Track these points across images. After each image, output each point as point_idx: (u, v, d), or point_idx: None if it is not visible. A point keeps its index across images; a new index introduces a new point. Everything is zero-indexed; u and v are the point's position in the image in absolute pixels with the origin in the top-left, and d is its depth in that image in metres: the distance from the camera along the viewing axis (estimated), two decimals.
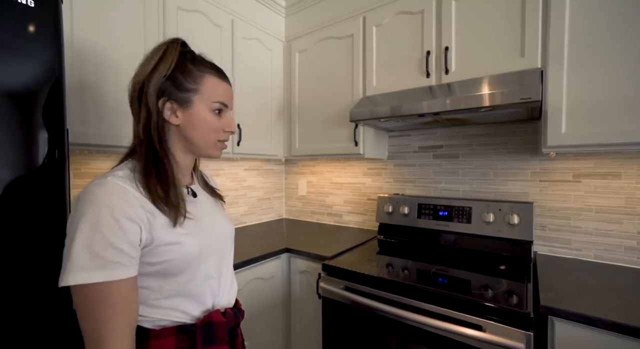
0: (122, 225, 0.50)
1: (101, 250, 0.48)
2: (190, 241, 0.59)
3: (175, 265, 0.57)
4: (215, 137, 0.65)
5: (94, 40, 1.10)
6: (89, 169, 1.35)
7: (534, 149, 1.38)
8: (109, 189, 0.51)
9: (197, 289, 0.61)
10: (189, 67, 0.61)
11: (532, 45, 1.11)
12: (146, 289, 0.56)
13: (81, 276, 0.47)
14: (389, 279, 1.09)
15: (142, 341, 0.55)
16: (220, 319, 0.61)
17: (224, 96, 0.65)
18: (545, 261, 1.26)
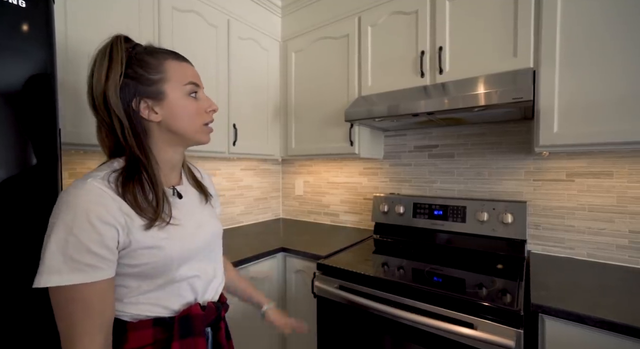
0: (98, 228, 0.50)
1: (75, 253, 0.48)
2: (169, 245, 0.58)
3: (154, 268, 0.57)
4: (200, 121, 0.64)
5: (89, 39, 1.10)
6: (84, 169, 1.35)
7: (528, 149, 1.39)
8: (87, 191, 0.51)
9: (176, 288, 0.60)
10: (145, 59, 0.59)
11: (524, 45, 1.11)
12: (125, 288, 0.56)
13: (54, 279, 0.47)
14: (384, 279, 1.10)
15: (120, 333, 0.55)
16: (199, 312, 0.61)
17: (192, 75, 0.63)
18: (539, 259, 1.27)
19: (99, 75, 0.56)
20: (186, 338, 0.58)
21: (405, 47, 1.42)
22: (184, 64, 0.63)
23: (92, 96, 0.57)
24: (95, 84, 0.56)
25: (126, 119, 0.57)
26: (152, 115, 0.59)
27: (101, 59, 0.57)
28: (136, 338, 0.56)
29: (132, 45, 0.61)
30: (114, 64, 0.56)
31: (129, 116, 0.57)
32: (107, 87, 0.55)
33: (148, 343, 0.56)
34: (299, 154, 1.85)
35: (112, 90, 0.55)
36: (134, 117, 0.58)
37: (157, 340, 0.57)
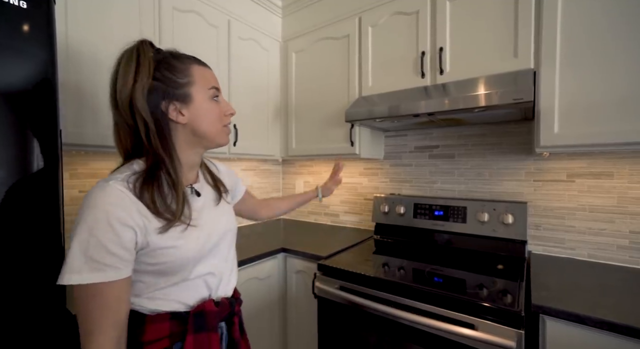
0: (117, 230, 0.52)
1: (95, 253, 0.51)
2: (185, 245, 0.60)
3: (171, 267, 0.59)
4: (221, 124, 0.66)
5: (90, 40, 1.10)
6: (86, 170, 1.35)
7: (529, 149, 1.39)
8: (108, 193, 0.53)
9: (191, 284, 0.63)
10: (173, 63, 0.61)
11: (524, 46, 1.11)
12: (143, 283, 0.59)
13: (74, 277, 0.50)
14: (385, 279, 1.10)
15: (139, 325, 0.58)
16: (213, 308, 0.64)
17: (214, 80, 0.66)
18: (540, 260, 1.27)
19: (124, 78, 0.57)
20: (200, 333, 0.61)
21: (405, 48, 1.42)
22: (206, 69, 0.66)
23: (116, 98, 0.58)
24: (120, 86, 0.57)
25: (152, 120, 0.58)
26: (179, 117, 0.61)
27: (127, 62, 0.58)
28: (153, 330, 0.58)
29: (155, 49, 0.63)
30: (141, 67, 0.57)
31: (156, 118, 0.59)
32: (134, 90, 0.56)
33: (165, 335, 0.59)
34: (299, 154, 1.85)
35: (140, 92, 0.57)
36: (161, 119, 0.59)
37: (173, 333, 0.60)
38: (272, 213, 1.10)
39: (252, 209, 1.03)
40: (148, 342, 0.58)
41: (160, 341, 0.59)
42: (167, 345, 0.59)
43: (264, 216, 1.08)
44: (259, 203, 1.06)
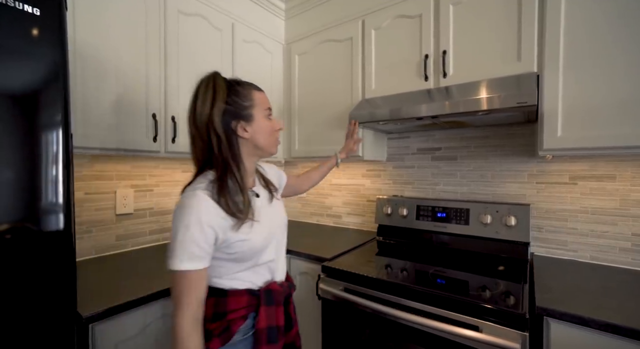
0: (205, 230, 0.67)
1: (190, 247, 0.67)
2: (254, 237, 0.76)
3: (244, 255, 0.76)
4: (273, 137, 0.82)
5: (96, 43, 1.12)
6: (92, 172, 1.36)
7: (531, 152, 1.40)
8: (197, 201, 0.68)
9: (260, 268, 0.81)
10: (239, 90, 0.76)
11: (528, 50, 1.12)
12: (223, 268, 0.76)
13: (177, 264, 0.67)
14: (388, 281, 1.11)
15: (222, 296, 0.76)
16: (277, 288, 0.82)
17: (268, 102, 0.82)
18: (542, 262, 1.28)
19: (204, 103, 0.72)
20: (269, 306, 0.78)
21: (409, 51, 1.43)
22: (262, 93, 0.81)
23: (195, 118, 0.73)
24: (199, 109, 0.72)
25: (225, 136, 0.73)
26: (244, 133, 0.76)
27: (205, 90, 0.73)
28: (235, 302, 0.76)
29: (225, 77, 0.78)
30: (217, 94, 0.72)
31: (228, 134, 0.74)
32: (212, 113, 0.71)
33: (243, 305, 0.76)
34: (302, 155, 1.86)
35: (217, 114, 0.72)
36: (232, 135, 0.75)
37: (249, 304, 0.77)
38: (310, 185, 1.29)
39: (296, 188, 1.22)
40: (231, 310, 0.75)
41: (240, 310, 0.76)
42: (244, 313, 0.76)
43: (305, 188, 1.28)
44: (299, 180, 1.24)
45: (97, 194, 1.38)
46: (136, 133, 1.23)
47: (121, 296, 0.95)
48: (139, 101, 1.24)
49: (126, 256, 1.39)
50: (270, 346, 0.77)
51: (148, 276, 1.14)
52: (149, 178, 1.58)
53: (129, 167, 1.49)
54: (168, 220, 1.66)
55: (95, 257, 1.36)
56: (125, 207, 1.47)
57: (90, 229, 1.36)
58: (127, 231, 1.48)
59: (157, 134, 1.28)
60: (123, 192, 1.46)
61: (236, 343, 0.76)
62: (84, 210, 1.34)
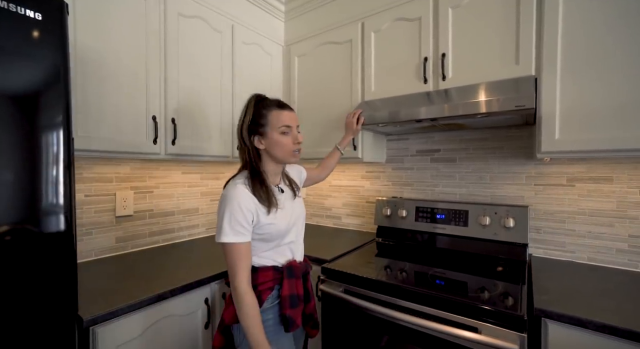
0: (244, 212, 0.88)
1: (235, 225, 0.87)
2: (279, 222, 0.96)
3: (271, 235, 0.95)
4: (289, 150, 0.97)
5: (97, 46, 1.12)
6: (91, 174, 1.36)
7: (530, 154, 1.41)
8: (237, 191, 0.90)
9: (282, 248, 1.00)
10: (261, 111, 0.96)
11: (526, 53, 1.13)
12: (255, 247, 0.95)
13: (226, 238, 0.87)
14: (387, 282, 1.12)
15: (254, 272, 0.94)
16: (297, 265, 1.01)
17: (286, 120, 0.96)
18: (540, 263, 1.29)
19: (242, 117, 0.97)
20: (291, 278, 0.97)
21: (408, 53, 1.44)
22: (282, 112, 0.97)
23: (239, 128, 0.97)
24: (240, 122, 0.97)
25: (250, 145, 0.96)
26: (260, 145, 0.97)
27: (244, 109, 0.97)
28: (263, 275, 0.95)
29: (260, 99, 0.99)
30: (247, 113, 0.96)
31: (252, 144, 0.96)
32: (243, 126, 0.96)
33: (269, 279, 0.96)
34: (303, 157, 1.86)
35: (245, 128, 0.96)
36: (254, 145, 0.96)
37: (275, 278, 0.96)
38: (328, 172, 1.44)
39: (316, 179, 1.37)
40: (260, 283, 0.94)
41: (267, 283, 0.95)
42: (271, 285, 0.96)
43: (324, 176, 1.42)
44: (318, 170, 1.38)
45: (96, 196, 1.38)
46: (136, 135, 1.24)
47: (121, 299, 0.95)
48: (139, 103, 1.24)
49: (126, 258, 1.40)
50: (292, 310, 0.95)
51: (147, 278, 1.14)
52: (148, 180, 1.58)
53: (129, 169, 1.49)
54: (168, 222, 1.67)
55: (95, 259, 1.36)
56: (125, 209, 1.47)
57: (90, 231, 1.36)
58: (126, 233, 1.49)
59: (157, 136, 1.28)
60: (123, 194, 1.46)
61: (266, 309, 0.94)
62: (84, 212, 1.34)
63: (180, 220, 1.73)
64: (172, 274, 1.19)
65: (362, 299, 1.13)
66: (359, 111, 1.42)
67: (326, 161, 1.43)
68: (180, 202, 1.73)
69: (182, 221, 1.73)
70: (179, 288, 1.08)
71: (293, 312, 0.95)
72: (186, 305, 1.11)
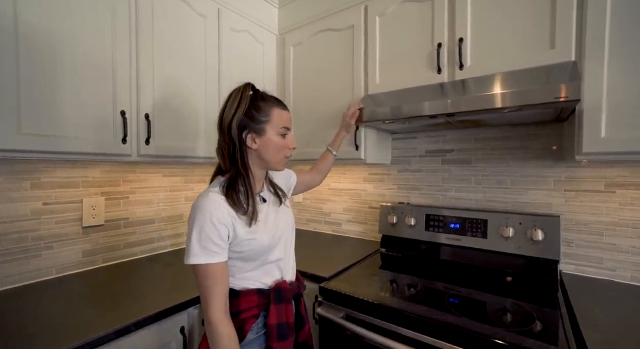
0: (217, 227, 0.74)
1: (205, 243, 0.72)
2: (261, 237, 0.81)
3: (252, 253, 0.80)
4: (282, 154, 0.85)
5: (47, 27, 0.93)
6: (51, 178, 1.17)
7: (559, 155, 1.22)
8: (209, 201, 0.75)
9: (269, 267, 0.85)
10: (260, 105, 0.81)
11: (564, 34, 0.95)
12: (234, 267, 0.81)
13: (195, 259, 0.72)
14: (398, 309, 0.93)
15: (234, 297, 0.80)
16: (286, 287, 0.85)
17: (287, 121, 0.84)
18: (574, 282, 1.11)
19: (229, 110, 0.79)
20: (279, 304, 0.82)
21: (418, 40, 1.25)
22: (283, 112, 0.84)
23: (221, 122, 0.81)
24: (225, 114, 0.80)
25: (238, 143, 0.79)
26: (253, 144, 0.81)
27: (234, 99, 0.80)
28: (246, 301, 0.80)
29: (255, 90, 0.83)
30: (241, 105, 0.79)
31: (240, 142, 0.80)
32: (233, 120, 0.78)
33: (254, 305, 0.81)
34: (297, 158, 1.68)
35: (235, 122, 0.78)
36: (243, 144, 0.81)
37: (259, 303, 0.81)
38: (323, 176, 1.26)
39: (309, 183, 1.20)
40: (244, 310, 0.80)
41: (252, 310, 0.81)
42: (256, 312, 0.81)
43: (319, 181, 1.25)
44: (310, 174, 1.21)
45: (58, 204, 1.19)
46: (101, 133, 1.05)
47: (69, 337, 0.77)
48: (104, 95, 1.05)
49: (94, 274, 1.21)
50: (281, 343, 0.80)
51: (113, 303, 0.95)
52: (123, 184, 1.39)
53: (99, 172, 1.31)
54: (147, 231, 1.48)
55: (56, 278, 1.17)
56: (94, 218, 1.28)
57: (50, 245, 1.17)
58: (96, 245, 1.30)
59: (126, 135, 1.09)
60: (91, 201, 1.27)
61: (250, 341, 0.80)
62: (42, 223, 1.15)
63: (161, 228, 1.54)
64: (144, 297, 1.00)
65: (367, 329, 0.94)
66: (356, 106, 1.24)
67: (318, 164, 1.25)
68: (162, 208, 1.54)
69: (163, 230, 1.55)
70: (149, 317, 0.89)
71: (282, 345, 0.80)
72: (157, 337, 0.92)
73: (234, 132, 0.78)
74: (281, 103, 0.85)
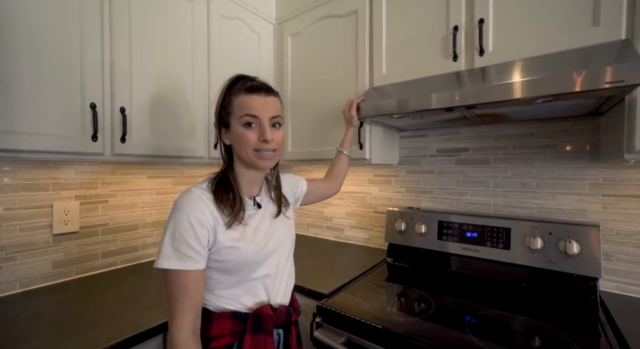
0: (195, 228, 0.65)
1: (179, 246, 0.64)
2: (244, 247, 0.70)
3: (233, 265, 0.69)
4: (249, 148, 0.71)
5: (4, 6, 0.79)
6: (15, 180, 1.04)
7: (594, 154, 1.06)
8: (190, 198, 0.67)
9: (252, 285, 0.72)
10: (228, 97, 0.73)
11: (612, 8, 0.79)
12: (212, 280, 0.70)
13: (166, 263, 0.63)
14: (409, 336, 0.78)
15: (207, 320, 0.69)
16: (269, 312, 0.71)
17: (251, 108, 0.70)
18: (617, 303, 0.94)
19: (216, 104, 0.75)
20: (257, 334, 0.68)
21: (431, 23, 1.10)
22: (250, 97, 0.71)
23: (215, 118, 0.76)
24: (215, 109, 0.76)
25: (220, 139, 0.76)
26: (226, 140, 0.75)
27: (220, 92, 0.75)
28: (218, 326, 0.68)
29: (233, 84, 0.74)
30: (219, 98, 0.75)
31: (220, 138, 0.76)
32: (215, 114, 0.76)
33: (227, 332, 0.68)
34: (295, 158, 1.53)
35: (215, 118, 0.76)
36: (221, 140, 0.76)
37: (234, 331, 0.69)
38: (340, 182, 1.14)
39: (323, 192, 1.08)
40: (214, 337, 0.68)
41: (224, 337, 0.68)
42: (229, 341, 0.68)
43: (335, 188, 1.12)
44: (324, 183, 1.08)
45: (23, 209, 1.06)
46: (66, 129, 0.91)
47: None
48: (70, 84, 0.92)
49: (65, 288, 1.07)
50: None
51: (77, 326, 0.81)
52: (101, 186, 1.26)
53: (72, 173, 1.17)
54: (129, 238, 1.34)
55: (19, 292, 1.03)
56: (66, 224, 1.15)
57: (14, 256, 1.04)
58: (69, 254, 1.16)
59: (97, 131, 0.96)
60: (63, 206, 1.14)
61: None
62: (3, 231, 1.02)
63: (146, 235, 1.40)
64: (117, 317, 0.87)
65: None
66: (356, 100, 1.12)
67: (331, 169, 1.14)
68: (146, 213, 1.40)
69: (148, 237, 1.41)
70: (116, 344, 0.75)
71: None
72: None
73: (216, 127, 0.76)
74: (253, 89, 0.72)
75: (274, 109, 0.73)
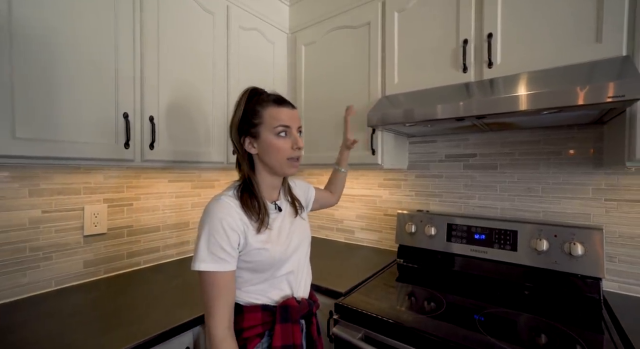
0: (227, 233, 0.70)
1: (214, 249, 0.69)
2: (273, 248, 0.76)
3: (261, 264, 0.75)
4: (283, 156, 0.77)
5: (45, 24, 0.86)
6: (51, 185, 1.11)
7: (597, 160, 1.12)
8: (220, 205, 0.72)
9: (278, 281, 0.79)
10: (254, 108, 0.77)
11: (613, 25, 0.84)
12: (241, 278, 0.76)
13: (202, 265, 0.68)
14: (423, 331, 0.83)
15: (238, 313, 0.75)
16: (294, 304, 0.78)
17: (284, 119, 0.77)
18: (619, 302, 1.00)
19: (233, 115, 0.79)
20: (285, 323, 0.75)
21: (442, 36, 1.16)
22: (280, 109, 0.77)
23: (230, 128, 0.79)
24: (231, 120, 0.80)
25: (241, 149, 0.79)
26: (252, 149, 0.79)
27: (238, 104, 0.79)
28: (250, 318, 0.75)
29: (254, 94, 0.80)
30: (237, 110, 0.78)
31: (241, 147, 0.79)
32: (233, 125, 0.79)
33: (258, 323, 0.75)
34: (308, 162, 1.60)
35: (234, 127, 0.78)
36: (244, 149, 0.79)
37: (264, 322, 0.75)
38: (338, 196, 1.20)
39: (325, 202, 1.13)
40: (247, 328, 0.74)
41: (255, 328, 0.75)
42: (260, 331, 0.75)
43: (335, 200, 1.18)
44: (326, 193, 1.14)
45: (58, 212, 1.13)
46: (102, 137, 0.98)
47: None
48: (106, 97, 0.99)
49: (95, 287, 1.14)
50: None
51: (110, 323, 0.88)
52: (127, 190, 1.32)
53: (101, 178, 1.24)
54: (152, 239, 1.41)
55: (55, 290, 1.10)
56: (96, 226, 1.22)
57: (50, 255, 1.11)
58: (98, 255, 1.23)
59: (129, 138, 1.02)
60: (93, 209, 1.21)
61: None
62: (41, 232, 1.08)
63: (167, 237, 1.47)
64: (147, 314, 0.93)
65: None
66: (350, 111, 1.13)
67: (333, 184, 1.18)
68: (167, 215, 1.47)
69: (169, 238, 1.48)
70: (151, 339, 0.82)
71: None
72: None
73: (234, 137, 0.79)
74: (281, 101, 0.79)
75: (299, 121, 0.81)
